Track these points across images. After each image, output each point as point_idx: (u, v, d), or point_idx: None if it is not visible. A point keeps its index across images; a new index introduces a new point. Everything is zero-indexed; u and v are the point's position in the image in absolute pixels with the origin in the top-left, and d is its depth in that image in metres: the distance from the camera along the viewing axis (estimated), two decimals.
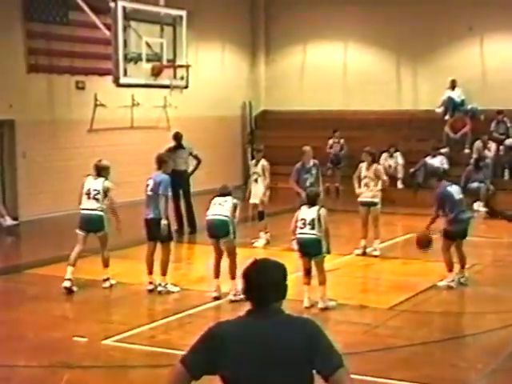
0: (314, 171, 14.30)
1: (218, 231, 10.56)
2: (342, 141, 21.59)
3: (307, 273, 10.24)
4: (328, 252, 10.28)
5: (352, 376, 3.85)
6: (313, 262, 10.20)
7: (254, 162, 14.90)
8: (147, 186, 11.16)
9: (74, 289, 11.09)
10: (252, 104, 24.55)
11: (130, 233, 13.04)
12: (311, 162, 14.38)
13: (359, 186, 13.76)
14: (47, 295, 11.06)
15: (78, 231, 11.36)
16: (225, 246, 10.61)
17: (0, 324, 9.81)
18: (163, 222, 10.93)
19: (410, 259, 13.43)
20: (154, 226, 10.99)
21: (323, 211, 10.24)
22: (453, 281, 11.23)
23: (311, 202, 10.33)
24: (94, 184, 11.33)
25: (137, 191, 11.91)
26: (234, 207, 10.66)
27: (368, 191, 13.59)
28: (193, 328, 9.11)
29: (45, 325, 9.69)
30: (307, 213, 10.20)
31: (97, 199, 11.24)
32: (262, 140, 22.34)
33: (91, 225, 11.29)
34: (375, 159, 14.15)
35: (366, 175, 13.65)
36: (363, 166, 13.78)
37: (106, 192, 11.28)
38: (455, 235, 11.25)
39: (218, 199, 10.74)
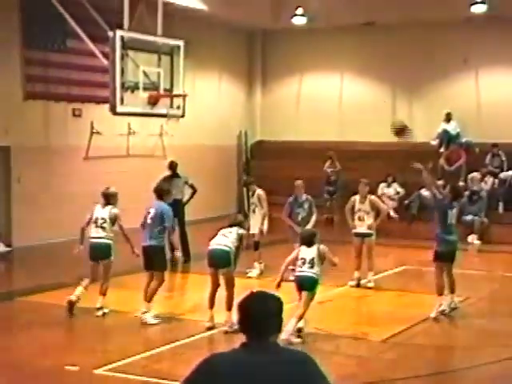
0: (306, 205, 14.20)
1: (219, 261, 10.50)
2: (337, 164, 21.57)
3: None
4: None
5: None
6: (303, 294, 10.21)
7: (250, 193, 14.90)
8: (148, 213, 11.19)
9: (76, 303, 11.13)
10: (248, 133, 24.64)
11: (125, 261, 13.01)
12: (304, 197, 14.29)
13: (352, 220, 13.72)
14: (39, 323, 10.98)
15: (90, 261, 11.44)
16: (224, 277, 10.57)
17: None
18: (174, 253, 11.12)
19: (404, 291, 13.42)
20: (152, 253, 11.03)
21: (323, 247, 10.37)
22: (441, 305, 11.27)
23: (307, 242, 10.39)
24: (102, 212, 11.42)
25: (132, 219, 11.85)
26: (240, 237, 10.67)
27: (362, 225, 13.56)
28: (185, 358, 9.05)
29: (36, 353, 9.61)
30: (307, 252, 10.29)
31: (103, 228, 11.33)
32: (258, 170, 22.44)
33: (98, 253, 11.36)
34: (370, 191, 14.11)
35: (360, 208, 13.62)
36: (356, 198, 13.76)
37: (113, 220, 11.36)
38: (442, 256, 11.33)
39: (224, 230, 10.71)
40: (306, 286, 10.17)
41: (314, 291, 10.22)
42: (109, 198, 11.50)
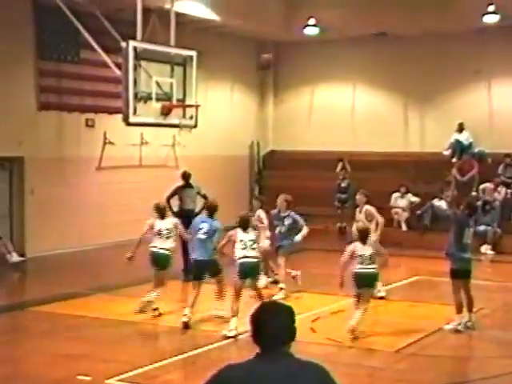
0: (287, 222, 13.63)
1: (254, 274, 11.00)
2: (348, 167, 21.61)
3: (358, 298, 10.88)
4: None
5: None
6: (364, 291, 10.84)
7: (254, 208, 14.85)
8: (200, 229, 11.45)
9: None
10: (260, 144, 24.67)
11: (140, 271, 13.05)
12: (286, 212, 13.70)
13: None
14: (52, 333, 11.02)
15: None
16: (253, 285, 11.03)
17: (3, 362, 9.74)
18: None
19: (416, 302, 13.37)
20: (206, 266, 11.42)
21: (376, 243, 11.18)
22: (459, 324, 11.17)
23: (363, 238, 10.87)
24: (164, 224, 12.02)
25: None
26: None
27: None
28: (197, 368, 9.06)
29: (48, 363, 9.63)
30: (363, 249, 10.82)
31: (168, 237, 11.92)
32: (270, 180, 22.44)
33: (157, 262, 11.87)
34: (369, 201, 13.91)
35: (359, 219, 13.57)
36: (358, 209, 13.76)
37: (176, 229, 12.06)
38: (458, 273, 11.26)
39: (244, 236, 10.91)
40: (369, 283, 10.90)
41: (374, 288, 11.13)
42: (162, 211, 12.18)
